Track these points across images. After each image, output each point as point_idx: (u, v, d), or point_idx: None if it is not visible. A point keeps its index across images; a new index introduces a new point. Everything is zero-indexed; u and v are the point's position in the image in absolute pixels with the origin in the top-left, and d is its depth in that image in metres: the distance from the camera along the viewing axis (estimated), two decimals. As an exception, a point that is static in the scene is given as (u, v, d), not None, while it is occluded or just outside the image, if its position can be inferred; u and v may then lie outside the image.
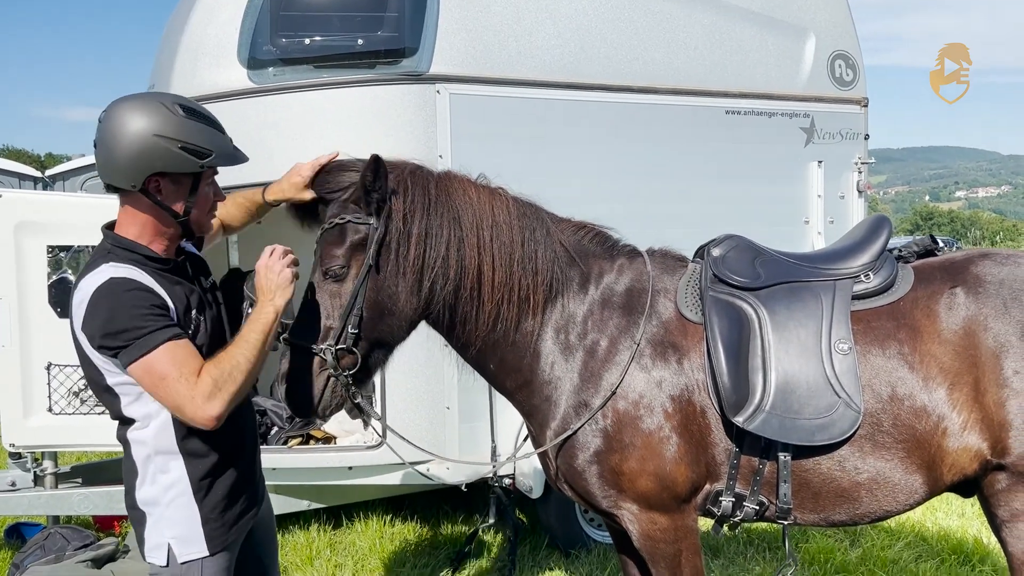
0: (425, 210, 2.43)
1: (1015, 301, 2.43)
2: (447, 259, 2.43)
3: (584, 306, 2.60)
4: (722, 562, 4.69)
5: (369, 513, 5.55)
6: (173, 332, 2.18)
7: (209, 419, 2.15)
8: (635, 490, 2.52)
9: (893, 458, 2.45)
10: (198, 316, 2.35)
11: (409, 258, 2.40)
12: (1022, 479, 2.39)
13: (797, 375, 2.46)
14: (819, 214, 5.59)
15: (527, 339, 2.57)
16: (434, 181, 2.51)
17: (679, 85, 5.10)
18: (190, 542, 2.34)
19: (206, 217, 2.38)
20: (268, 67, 4.58)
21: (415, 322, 2.54)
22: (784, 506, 2.50)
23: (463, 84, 4.49)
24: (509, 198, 2.59)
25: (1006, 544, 2.49)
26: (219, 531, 2.38)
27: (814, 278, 2.62)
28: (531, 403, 2.65)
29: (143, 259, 2.28)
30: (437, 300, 2.46)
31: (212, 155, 2.25)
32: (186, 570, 2.34)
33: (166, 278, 2.31)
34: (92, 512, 5.09)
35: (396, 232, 2.39)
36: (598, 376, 2.54)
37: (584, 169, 4.70)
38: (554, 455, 2.63)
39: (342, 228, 2.39)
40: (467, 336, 2.56)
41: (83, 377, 4.43)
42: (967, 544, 4.79)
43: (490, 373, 2.67)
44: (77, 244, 4.80)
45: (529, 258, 2.52)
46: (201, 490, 2.34)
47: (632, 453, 2.50)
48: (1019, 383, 2.36)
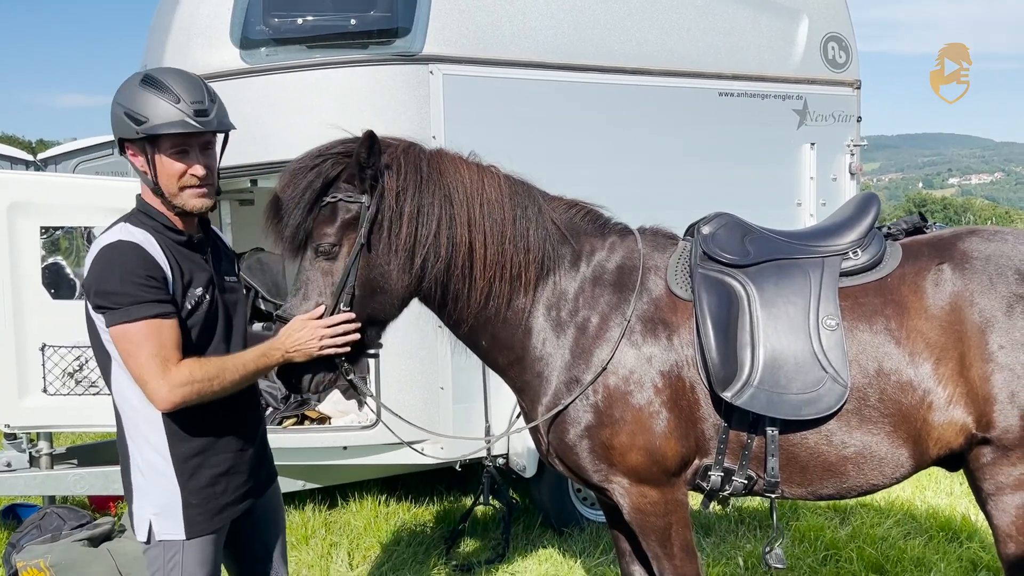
0: (417, 188, 2.43)
1: (1001, 277, 2.46)
2: (438, 236, 2.44)
3: (575, 283, 2.62)
4: (713, 540, 4.74)
5: (364, 493, 5.60)
6: (161, 310, 2.20)
7: (166, 403, 2.21)
8: (625, 464, 2.55)
9: (879, 432, 2.48)
10: (202, 294, 2.36)
11: (401, 236, 2.41)
12: (1006, 453, 2.43)
13: (785, 351, 2.49)
14: (811, 196, 5.61)
15: (519, 316, 2.60)
16: (426, 159, 2.52)
17: (672, 67, 5.10)
18: (169, 521, 2.35)
19: (176, 188, 2.31)
20: (261, 47, 4.56)
21: (407, 299, 2.55)
22: (772, 480, 2.54)
23: (456, 65, 4.49)
24: (501, 176, 2.61)
25: (991, 517, 2.53)
26: (201, 516, 2.36)
27: (803, 255, 2.64)
28: (523, 379, 2.67)
29: (161, 227, 2.34)
30: (429, 278, 2.47)
31: (146, 122, 2.23)
32: (164, 548, 2.36)
33: (179, 251, 2.35)
34: (88, 492, 5.12)
35: (388, 210, 2.40)
36: (589, 352, 2.56)
37: (577, 150, 4.71)
38: (545, 430, 2.66)
39: (333, 206, 2.40)
40: (459, 313, 2.58)
41: (77, 358, 4.50)
42: (955, 521, 4.84)
43: (482, 350, 2.70)
44: (71, 225, 4.79)
45: (521, 235, 2.54)
46: (185, 472, 2.35)
47: (622, 428, 2.53)
48: (1004, 357, 2.39)
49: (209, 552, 2.41)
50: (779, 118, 5.48)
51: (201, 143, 2.33)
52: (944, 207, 70.66)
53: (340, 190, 2.40)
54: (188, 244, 2.39)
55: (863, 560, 4.35)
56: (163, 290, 2.24)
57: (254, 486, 2.55)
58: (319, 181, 2.38)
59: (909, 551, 4.45)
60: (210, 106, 2.30)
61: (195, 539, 2.36)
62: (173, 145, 2.27)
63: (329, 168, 2.39)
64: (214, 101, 2.33)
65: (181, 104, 2.23)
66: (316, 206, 2.38)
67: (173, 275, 2.29)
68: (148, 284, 2.20)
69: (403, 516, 5.32)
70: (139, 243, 2.25)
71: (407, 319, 2.67)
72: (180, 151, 2.29)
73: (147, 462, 2.36)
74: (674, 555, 2.62)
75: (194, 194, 2.33)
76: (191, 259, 2.38)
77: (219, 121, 2.32)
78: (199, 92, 2.29)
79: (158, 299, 2.21)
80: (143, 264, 2.22)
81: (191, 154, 2.30)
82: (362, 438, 4.60)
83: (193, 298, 2.34)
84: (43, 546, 4.38)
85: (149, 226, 2.32)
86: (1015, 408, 2.38)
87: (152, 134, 2.24)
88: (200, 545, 2.38)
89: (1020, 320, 2.40)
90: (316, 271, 2.41)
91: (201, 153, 2.33)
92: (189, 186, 2.32)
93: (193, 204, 2.34)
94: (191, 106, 2.25)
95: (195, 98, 2.27)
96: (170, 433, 2.33)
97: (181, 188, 2.31)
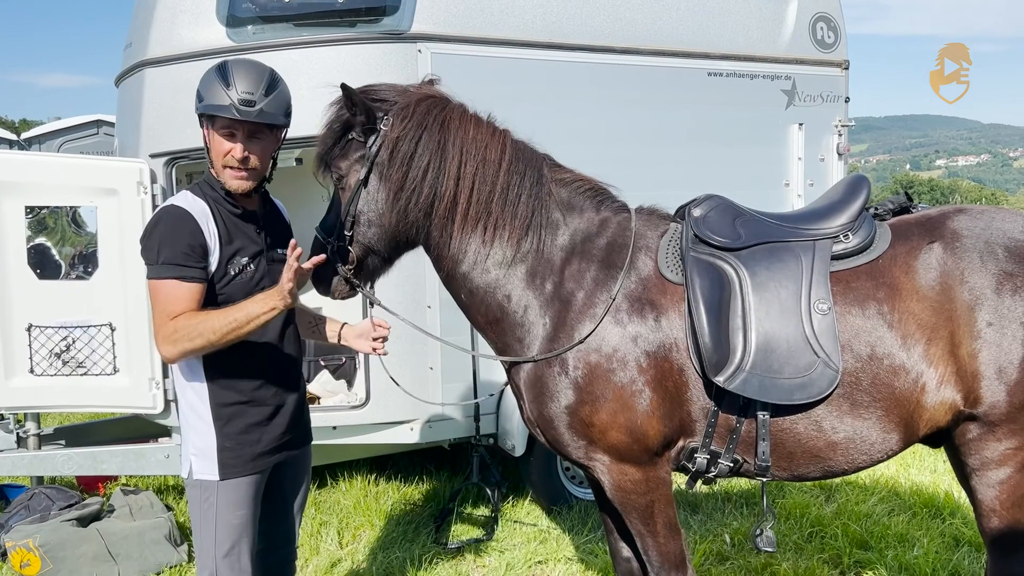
0: (416, 136, 2.57)
1: (990, 255, 2.47)
2: (423, 183, 2.57)
3: (563, 254, 2.63)
4: (700, 517, 4.79)
5: (354, 472, 5.61)
6: (184, 272, 2.46)
7: (163, 353, 2.48)
8: (606, 442, 2.56)
9: (871, 416, 2.49)
10: (247, 263, 2.63)
11: (392, 178, 2.58)
12: (992, 428, 2.45)
13: (777, 335, 2.49)
14: (799, 176, 5.62)
15: (498, 279, 2.64)
16: (437, 111, 2.63)
17: (661, 46, 5.09)
18: (205, 461, 2.60)
19: (220, 166, 2.56)
20: (247, 25, 4.52)
21: (396, 237, 2.68)
22: (763, 464, 2.55)
23: (445, 43, 4.46)
24: (508, 140, 2.68)
25: (975, 492, 2.56)
26: (234, 460, 2.60)
27: (794, 238, 2.64)
28: (503, 341, 2.72)
29: (220, 198, 2.62)
30: (412, 220, 2.62)
31: (202, 101, 2.52)
32: (201, 487, 2.61)
33: (232, 221, 2.63)
34: (76, 473, 5.11)
35: (387, 152, 2.58)
36: (572, 327, 2.57)
37: (565, 130, 4.67)
38: (527, 397, 2.68)
39: (349, 143, 2.64)
40: (437, 260, 2.72)
41: (64, 338, 4.48)
42: (938, 498, 4.91)
43: (462, 303, 2.79)
44: (56, 205, 4.74)
45: (511, 201, 2.60)
46: (221, 418, 2.60)
47: (603, 406, 2.54)
48: (992, 334, 2.41)
49: (244, 494, 2.63)
50: (768, 98, 5.49)
51: (248, 130, 2.54)
52: (931, 189, 70.99)
53: (355, 132, 2.62)
54: (243, 216, 2.66)
55: (848, 536, 4.40)
56: (197, 256, 2.49)
57: (289, 440, 2.77)
58: (338, 122, 2.64)
59: (893, 527, 4.51)
60: (260, 99, 2.50)
61: (228, 480, 2.60)
62: (222, 127, 2.53)
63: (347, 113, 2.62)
64: (267, 96, 2.53)
65: (231, 91, 2.48)
66: (336, 143, 2.65)
67: (221, 243, 2.56)
68: (184, 250, 2.46)
69: (393, 495, 5.34)
70: (190, 211, 2.52)
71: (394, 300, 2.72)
72: (228, 133, 2.53)
73: (190, 406, 2.62)
74: (657, 532, 2.64)
75: (232, 175, 2.58)
76: (243, 230, 2.65)
77: (260, 112, 2.50)
78: (255, 84, 2.51)
79: (188, 263, 2.46)
80: (186, 230, 2.49)
81: (236, 137, 2.53)
82: (351, 418, 4.61)
83: (238, 265, 2.60)
84: (32, 526, 4.38)
85: (210, 196, 2.60)
86: (1002, 384, 2.40)
87: (203, 113, 2.53)
88: (234, 486, 2.61)
89: (1008, 297, 2.42)
90: (337, 197, 2.72)
91: (247, 139, 2.54)
92: (229, 166, 2.56)
93: (231, 184, 2.59)
94: (240, 95, 2.47)
95: (248, 88, 2.49)
96: (211, 381, 2.59)
97: (224, 167, 2.57)
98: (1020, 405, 2.41)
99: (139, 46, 4.67)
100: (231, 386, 2.61)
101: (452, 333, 4.34)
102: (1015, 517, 2.49)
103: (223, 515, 2.60)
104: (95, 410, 5.46)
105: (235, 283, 2.59)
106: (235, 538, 2.61)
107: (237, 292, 2.58)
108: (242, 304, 2.46)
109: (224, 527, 2.60)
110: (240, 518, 2.62)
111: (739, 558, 4.24)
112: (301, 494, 2.95)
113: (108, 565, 4.30)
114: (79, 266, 4.74)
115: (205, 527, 2.62)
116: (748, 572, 4.09)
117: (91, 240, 4.64)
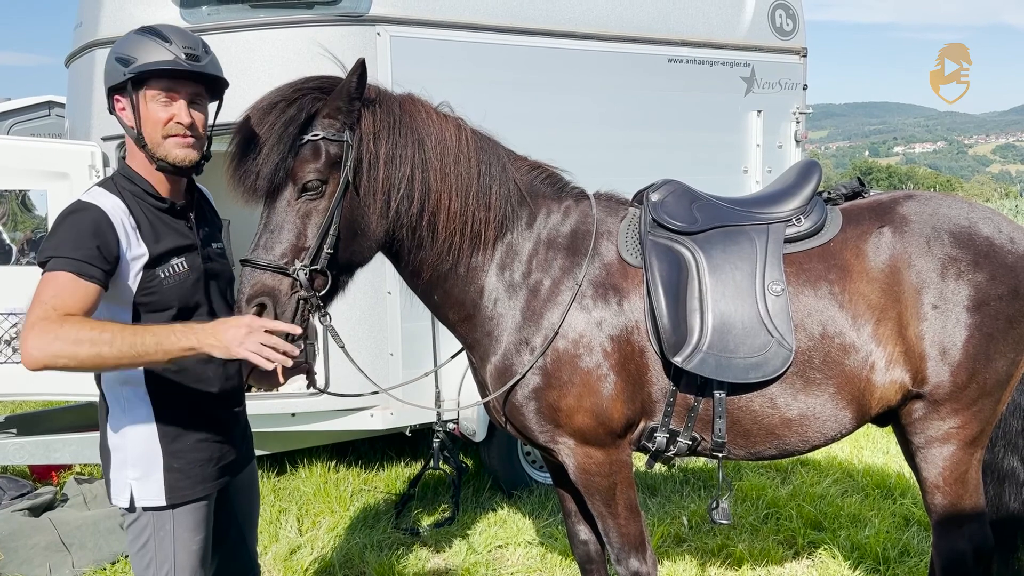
0: (391, 131, 2.39)
1: (937, 240, 2.54)
2: (412, 182, 2.40)
3: (530, 244, 2.63)
4: (659, 500, 4.85)
5: (313, 459, 5.58)
6: (84, 269, 2.07)
7: (27, 358, 1.99)
8: (572, 426, 2.59)
9: (824, 394, 2.55)
10: (181, 263, 2.27)
11: (379, 179, 2.36)
12: (936, 407, 2.53)
13: (733, 316, 2.54)
14: (758, 163, 5.69)
15: (473, 274, 2.60)
16: (398, 102, 2.48)
17: (623, 32, 5.10)
18: (150, 486, 2.25)
19: (160, 137, 2.19)
20: (202, 6, 4.43)
21: (381, 244, 2.48)
22: (719, 440, 2.60)
23: (404, 26, 4.42)
24: (469, 129, 2.58)
25: (920, 470, 2.64)
26: (183, 483, 2.28)
27: (748, 222, 2.69)
28: (473, 336, 2.69)
29: (141, 193, 2.25)
30: (402, 223, 2.44)
31: (134, 62, 2.14)
32: (154, 519, 2.27)
33: (159, 218, 2.26)
34: (28, 462, 5.01)
35: (367, 152, 2.34)
36: (540, 315, 2.58)
37: (526, 114, 4.68)
38: (494, 386, 2.67)
39: (315, 145, 2.28)
40: (418, 264, 2.54)
41: (14, 325, 4.38)
42: (890, 479, 5.03)
43: (434, 303, 2.69)
44: (5, 188, 4.63)
45: (484, 192, 2.54)
46: (168, 435, 2.27)
47: (570, 390, 2.56)
48: (936, 316, 2.48)
49: (201, 516, 2.33)
50: (727, 85, 5.53)
51: (190, 94, 2.21)
52: (889, 175, 72.14)
53: (322, 127, 2.29)
54: (170, 211, 2.29)
55: (802, 517, 4.49)
56: (102, 258, 2.10)
57: (235, 460, 2.47)
58: (302, 115, 2.26)
59: (846, 508, 4.62)
60: (203, 55, 2.21)
61: (181, 507, 2.28)
62: (162, 88, 2.17)
63: (310, 103, 2.29)
64: (208, 53, 2.24)
65: (172, 46, 2.15)
66: (297, 143, 2.26)
67: (146, 242, 2.20)
68: (86, 245, 2.09)
69: (353, 482, 5.33)
70: (102, 208, 2.16)
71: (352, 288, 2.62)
72: (168, 98, 2.18)
73: (129, 426, 2.26)
74: (618, 514, 2.68)
75: (178, 143, 2.21)
76: (172, 227, 2.28)
77: (209, 65, 2.21)
78: (194, 41, 2.21)
79: (90, 261, 2.07)
80: (93, 226, 2.12)
81: (178, 103, 2.19)
82: (311, 404, 4.58)
83: (169, 267, 2.24)
84: (-18, 516, 4.30)
85: (128, 191, 2.23)
86: (946, 364, 2.48)
87: (140, 72, 2.14)
88: (191, 510, 2.30)
89: (952, 281, 2.50)
90: (293, 213, 2.28)
91: (189, 105, 2.21)
92: (173, 135, 2.20)
93: (176, 155, 2.21)
94: (183, 50, 2.16)
95: (188, 44, 2.18)
96: (154, 395, 2.25)
97: (165, 136, 2.20)
98: (963, 385, 2.49)
99: (90, 26, 4.57)
100: (174, 397, 2.27)
101: (413, 319, 4.33)
102: (958, 493, 2.58)
103: (181, 544, 2.28)
104: (47, 398, 5.36)
105: (167, 287, 2.23)
106: (193, 565, 2.31)
107: (171, 296, 2.24)
108: (156, 330, 2.04)
109: (182, 561, 2.28)
110: (199, 543, 2.33)
111: (696, 540, 4.30)
112: (254, 521, 2.69)
113: (62, 555, 4.22)
114: (29, 252, 4.63)
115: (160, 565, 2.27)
116: (705, 554, 4.15)
117: (41, 224, 4.53)
